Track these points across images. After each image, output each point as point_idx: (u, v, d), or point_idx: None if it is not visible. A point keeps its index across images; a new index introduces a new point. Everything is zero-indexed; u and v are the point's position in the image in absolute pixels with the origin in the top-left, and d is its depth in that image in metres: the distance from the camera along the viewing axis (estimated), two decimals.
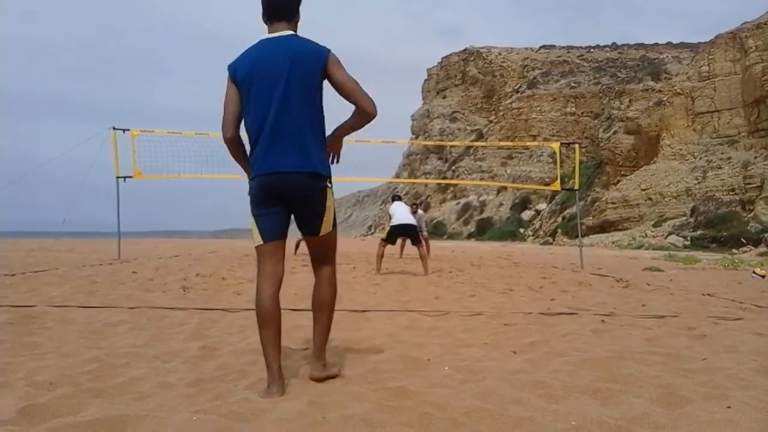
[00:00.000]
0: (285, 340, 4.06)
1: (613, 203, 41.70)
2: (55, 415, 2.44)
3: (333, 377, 3.09)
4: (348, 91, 2.90)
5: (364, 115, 2.92)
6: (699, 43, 61.10)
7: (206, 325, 4.66)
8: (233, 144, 2.98)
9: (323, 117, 2.98)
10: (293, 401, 2.69)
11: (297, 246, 16.10)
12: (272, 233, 2.92)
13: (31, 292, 6.59)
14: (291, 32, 2.97)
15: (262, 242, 2.93)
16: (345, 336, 4.25)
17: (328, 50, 2.93)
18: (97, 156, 12.62)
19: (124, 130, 12.92)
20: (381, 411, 2.56)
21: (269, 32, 2.96)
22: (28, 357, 3.46)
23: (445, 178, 69.70)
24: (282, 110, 2.82)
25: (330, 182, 2.98)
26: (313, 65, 2.88)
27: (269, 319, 2.88)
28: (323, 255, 3.12)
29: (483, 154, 69.93)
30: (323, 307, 3.10)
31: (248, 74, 2.86)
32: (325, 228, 3.00)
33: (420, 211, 15.54)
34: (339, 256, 6.39)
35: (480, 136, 72.90)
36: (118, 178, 12.93)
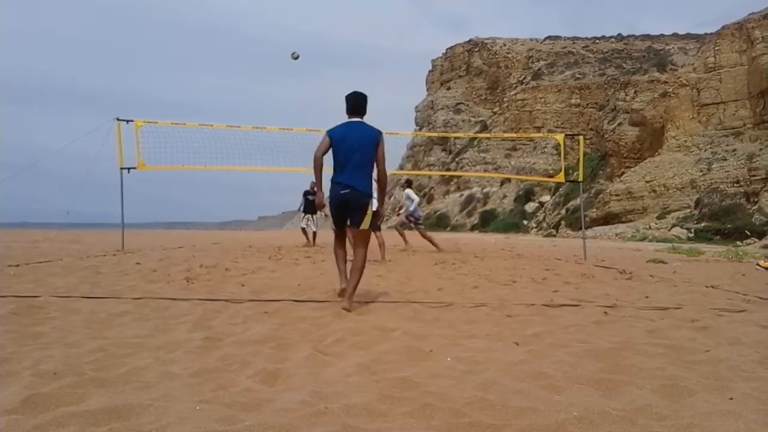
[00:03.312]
0: (287, 332, 4.08)
1: (617, 195, 41.55)
2: (60, 405, 2.46)
3: (349, 311, 4.86)
4: (380, 165, 5.24)
5: (382, 183, 5.46)
6: (705, 34, 60.67)
7: (209, 315, 4.67)
8: (319, 162, 5.16)
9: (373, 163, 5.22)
10: (296, 391, 2.70)
11: (309, 235, 16.06)
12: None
13: (35, 282, 6.61)
14: (360, 120, 5.27)
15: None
16: (348, 326, 4.25)
17: (380, 132, 5.24)
18: (101, 147, 12.63)
19: (128, 121, 12.92)
20: (383, 401, 2.57)
21: (349, 118, 5.26)
22: (33, 347, 3.48)
23: (448, 169, 69.45)
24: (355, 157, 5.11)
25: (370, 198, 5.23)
26: (371, 143, 5.15)
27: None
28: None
29: (487, 145, 69.65)
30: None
31: (340, 142, 5.09)
32: (364, 224, 5.20)
33: (408, 191, 14.23)
34: None
35: (484, 128, 72.56)
36: (122, 169, 12.94)
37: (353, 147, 5.07)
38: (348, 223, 5.23)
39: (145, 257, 10.91)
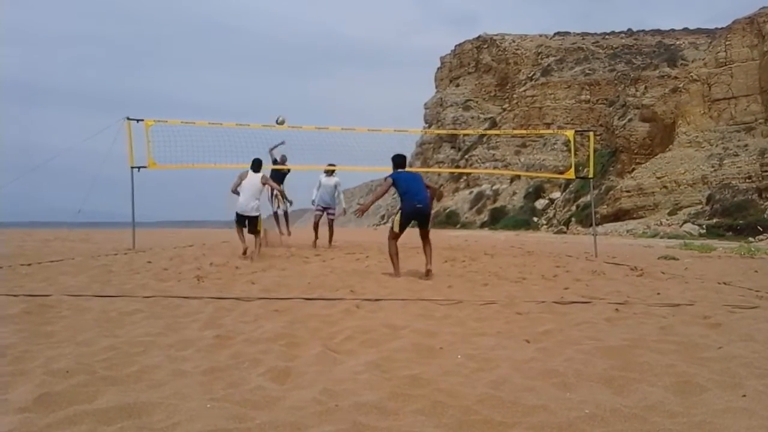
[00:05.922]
0: (298, 329, 4.09)
1: (628, 191, 41.31)
2: (71, 403, 2.48)
3: (430, 275, 7.44)
4: (430, 186, 8.16)
5: (434, 192, 8.96)
6: (716, 28, 60.10)
7: (220, 314, 4.68)
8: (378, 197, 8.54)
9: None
10: (307, 389, 2.70)
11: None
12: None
13: (47, 281, 6.65)
14: (405, 170, 8.18)
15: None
16: (358, 324, 4.26)
17: (421, 175, 8.26)
18: (111, 146, 12.68)
19: (138, 120, 12.96)
20: (394, 399, 2.57)
21: (396, 170, 8.00)
22: (45, 345, 3.50)
23: (458, 167, 69.27)
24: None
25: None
26: (421, 179, 8.02)
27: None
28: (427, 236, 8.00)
29: (496, 142, 69.36)
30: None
31: (404, 181, 7.79)
32: (429, 225, 8.09)
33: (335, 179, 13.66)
34: (352, 245, 6.33)
35: (493, 125, 72.28)
36: (132, 168, 13.00)
37: (414, 183, 7.87)
38: (417, 225, 7.90)
39: (156, 256, 10.96)
